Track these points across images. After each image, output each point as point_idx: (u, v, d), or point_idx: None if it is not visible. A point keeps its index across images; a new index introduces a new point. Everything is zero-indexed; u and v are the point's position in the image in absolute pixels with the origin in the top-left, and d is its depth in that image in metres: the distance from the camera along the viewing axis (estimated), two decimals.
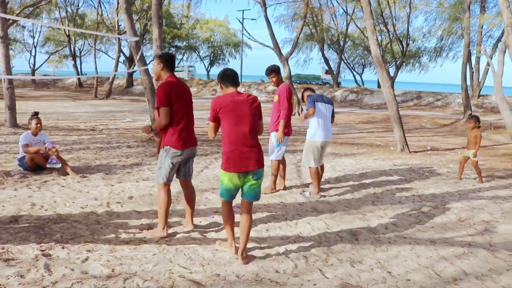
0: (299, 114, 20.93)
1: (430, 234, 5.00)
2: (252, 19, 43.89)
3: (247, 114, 3.94)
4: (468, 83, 21.32)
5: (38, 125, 7.30)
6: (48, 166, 7.08)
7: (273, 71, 6.53)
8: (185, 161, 4.63)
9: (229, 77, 4.08)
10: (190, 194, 4.81)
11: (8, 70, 12.41)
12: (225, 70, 4.16)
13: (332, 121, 6.66)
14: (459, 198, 6.65)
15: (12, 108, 12.45)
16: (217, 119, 3.99)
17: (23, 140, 7.18)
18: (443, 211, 5.90)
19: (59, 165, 7.07)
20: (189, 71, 45.45)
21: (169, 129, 4.41)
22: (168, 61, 4.51)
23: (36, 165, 7.09)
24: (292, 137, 6.87)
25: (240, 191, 4.10)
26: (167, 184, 4.53)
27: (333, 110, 6.63)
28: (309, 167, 6.48)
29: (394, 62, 30.46)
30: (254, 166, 3.92)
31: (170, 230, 4.68)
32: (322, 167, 6.75)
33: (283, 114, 6.33)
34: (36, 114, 7.44)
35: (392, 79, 22.90)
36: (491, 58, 17.01)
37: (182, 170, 4.67)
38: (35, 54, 45.88)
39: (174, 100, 4.35)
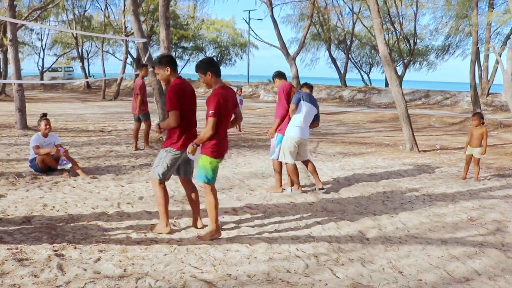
0: None
1: (441, 233, 4.98)
2: (258, 19, 43.97)
3: (230, 108, 4.50)
4: (477, 81, 21.19)
5: (47, 126, 7.35)
6: (59, 167, 7.13)
7: (274, 77, 6.84)
8: (187, 161, 4.67)
9: (216, 66, 4.45)
10: (191, 193, 4.83)
11: (18, 73, 12.52)
12: (210, 58, 4.53)
13: (316, 124, 6.76)
14: (470, 197, 6.61)
15: (22, 110, 12.55)
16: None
17: (34, 142, 7.23)
18: (454, 211, 5.87)
19: (70, 165, 7.12)
20: (65, 71, 46.89)
21: (172, 130, 4.47)
22: (172, 63, 4.52)
23: (47, 166, 7.15)
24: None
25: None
26: (162, 182, 4.57)
27: (318, 113, 6.65)
28: (286, 163, 6.50)
29: (401, 61, 30.36)
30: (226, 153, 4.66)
31: (182, 232, 4.70)
32: (311, 163, 6.75)
33: (279, 113, 6.53)
34: (44, 115, 7.50)
35: (400, 78, 22.82)
36: (500, 56, 16.89)
37: (183, 169, 4.73)
38: (43, 57, 46.26)
39: (183, 103, 4.41)
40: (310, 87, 6.91)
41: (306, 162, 6.75)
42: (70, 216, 5.08)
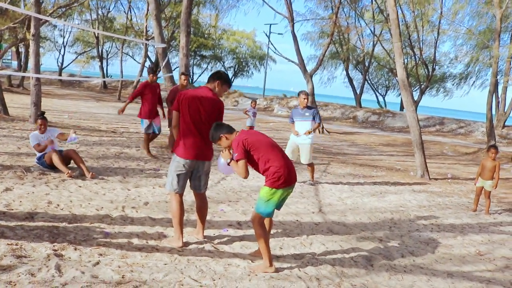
0: (319, 132, 20.80)
1: (448, 266, 4.85)
2: (279, 34, 44.08)
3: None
4: (494, 112, 20.95)
5: (41, 126, 7.34)
6: (67, 143, 7.35)
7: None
8: (195, 174, 4.58)
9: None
10: (200, 207, 4.74)
11: (37, 68, 12.65)
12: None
13: (317, 126, 8.59)
14: (479, 230, 6.47)
15: (37, 105, 12.65)
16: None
17: (33, 140, 7.27)
18: (462, 243, 5.74)
19: (77, 139, 7.33)
20: (3, 62, 46.96)
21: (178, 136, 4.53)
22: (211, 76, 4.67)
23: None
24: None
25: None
26: (176, 193, 4.50)
27: (314, 117, 8.42)
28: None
29: (418, 86, 30.22)
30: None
31: (183, 240, 4.63)
32: (312, 166, 8.61)
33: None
34: (42, 114, 7.53)
35: (416, 103, 22.67)
36: None
37: (192, 183, 4.65)
38: (64, 53, 46.77)
39: (182, 107, 4.46)
40: (306, 94, 8.38)
41: (309, 165, 8.45)
42: (74, 216, 5.05)
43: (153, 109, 9.39)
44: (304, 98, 8.28)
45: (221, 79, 4.57)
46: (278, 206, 4.13)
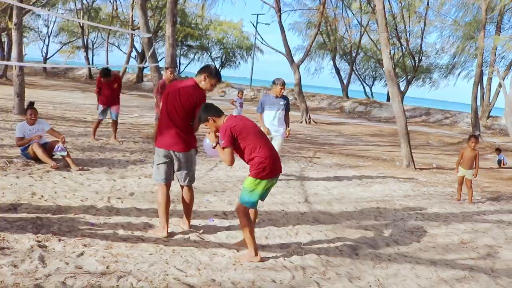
0: (306, 122, 20.86)
1: (431, 254, 4.92)
2: (266, 24, 43.95)
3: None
4: (478, 103, 21.18)
5: (32, 116, 7.21)
6: (53, 153, 7.00)
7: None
8: (176, 166, 4.53)
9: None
10: (185, 199, 4.70)
11: (20, 58, 12.45)
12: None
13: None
14: (463, 219, 6.55)
15: (21, 95, 12.48)
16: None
17: (18, 132, 7.13)
18: (446, 232, 5.81)
19: (65, 153, 6.99)
20: None
21: None
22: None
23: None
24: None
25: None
26: (161, 184, 4.51)
27: (283, 108, 7.79)
28: None
29: (405, 77, 30.39)
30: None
31: (169, 230, 4.62)
32: None
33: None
34: (31, 104, 7.37)
35: (402, 94, 22.80)
36: (504, 80, 16.88)
37: (177, 176, 4.61)
38: (48, 44, 46.07)
39: (163, 98, 4.53)
40: (283, 84, 7.67)
41: None
42: (58, 207, 5.01)
43: (109, 97, 10.16)
44: (281, 89, 7.67)
45: (207, 71, 4.47)
46: (262, 196, 4.14)
